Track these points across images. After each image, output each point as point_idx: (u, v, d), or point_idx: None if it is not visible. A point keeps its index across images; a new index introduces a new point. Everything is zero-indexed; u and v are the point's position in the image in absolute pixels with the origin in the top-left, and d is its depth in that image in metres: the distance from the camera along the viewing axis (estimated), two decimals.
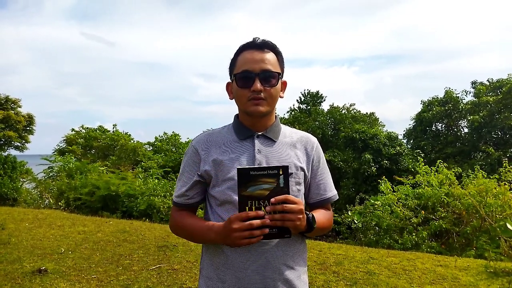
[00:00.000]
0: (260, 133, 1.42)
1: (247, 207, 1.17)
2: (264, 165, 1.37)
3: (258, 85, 1.34)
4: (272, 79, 1.37)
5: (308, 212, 1.32)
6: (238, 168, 1.16)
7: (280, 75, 1.41)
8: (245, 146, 1.41)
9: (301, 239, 1.44)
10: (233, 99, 1.46)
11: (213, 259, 1.40)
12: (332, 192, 1.54)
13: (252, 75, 1.35)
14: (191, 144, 1.47)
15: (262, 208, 1.18)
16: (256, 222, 1.15)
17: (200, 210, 2.97)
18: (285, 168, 1.18)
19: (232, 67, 1.44)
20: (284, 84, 1.49)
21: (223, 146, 1.41)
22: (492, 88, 24.43)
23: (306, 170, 1.45)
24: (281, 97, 1.46)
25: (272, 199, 1.17)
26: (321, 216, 1.43)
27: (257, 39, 1.40)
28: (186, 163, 1.46)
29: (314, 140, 1.53)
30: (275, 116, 1.49)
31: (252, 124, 1.43)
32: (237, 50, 1.43)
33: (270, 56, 1.39)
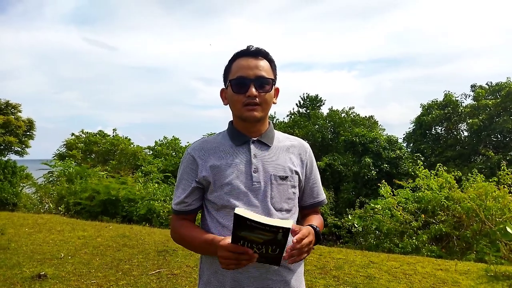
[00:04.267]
0: (255, 139, 1.45)
1: (239, 243, 1.14)
2: (260, 170, 1.40)
3: (253, 90, 1.37)
4: (266, 85, 1.41)
5: (314, 226, 1.37)
6: (235, 213, 1.09)
7: (273, 81, 1.45)
8: (241, 151, 1.44)
9: None
10: (227, 105, 1.50)
11: (212, 263, 1.41)
12: (323, 195, 1.61)
13: (247, 81, 1.38)
14: (187, 152, 1.49)
15: (254, 248, 1.14)
16: (245, 260, 1.16)
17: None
18: (286, 230, 1.09)
19: (227, 73, 1.47)
20: (277, 91, 1.52)
21: (220, 152, 1.44)
22: (491, 91, 24.45)
23: (300, 174, 1.49)
24: (274, 103, 1.50)
25: (294, 239, 1.20)
26: (319, 223, 1.48)
27: (251, 47, 1.45)
28: (183, 171, 1.48)
29: (306, 145, 1.58)
30: (269, 122, 1.53)
31: (246, 130, 1.46)
32: (231, 58, 1.47)
33: (264, 63, 1.44)
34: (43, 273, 4.30)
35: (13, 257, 5.02)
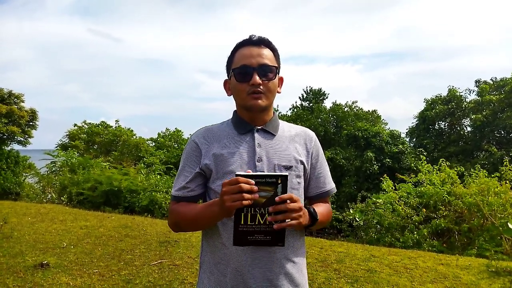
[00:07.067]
0: (259, 127, 1.44)
1: (242, 213, 1.16)
2: (264, 159, 1.38)
3: (257, 78, 1.36)
4: (269, 73, 1.39)
5: (308, 206, 1.36)
6: (236, 174, 1.13)
7: (277, 69, 1.43)
8: (246, 140, 1.42)
9: (300, 232, 1.45)
10: (231, 96, 1.48)
11: (214, 253, 1.40)
12: (330, 185, 1.56)
13: (250, 69, 1.37)
14: (191, 139, 1.47)
15: (258, 215, 1.17)
16: (245, 186, 1.12)
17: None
18: (284, 178, 1.15)
19: (230, 64, 1.46)
20: (281, 80, 1.51)
21: (223, 140, 1.42)
22: (495, 87, 24.29)
23: (305, 164, 1.46)
24: (279, 92, 1.48)
25: (277, 198, 1.17)
26: (321, 209, 1.45)
27: (253, 36, 1.43)
28: (186, 158, 1.46)
29: (312, 134, 1.55)
30: (273, 112, 1.50)
31: (251, 119, 1.44)
32: (234, 48, 1.45)
33: (267, 51, 1.42)
34: (45, 262, 4.34)
35: (16, 246, 5.06)
